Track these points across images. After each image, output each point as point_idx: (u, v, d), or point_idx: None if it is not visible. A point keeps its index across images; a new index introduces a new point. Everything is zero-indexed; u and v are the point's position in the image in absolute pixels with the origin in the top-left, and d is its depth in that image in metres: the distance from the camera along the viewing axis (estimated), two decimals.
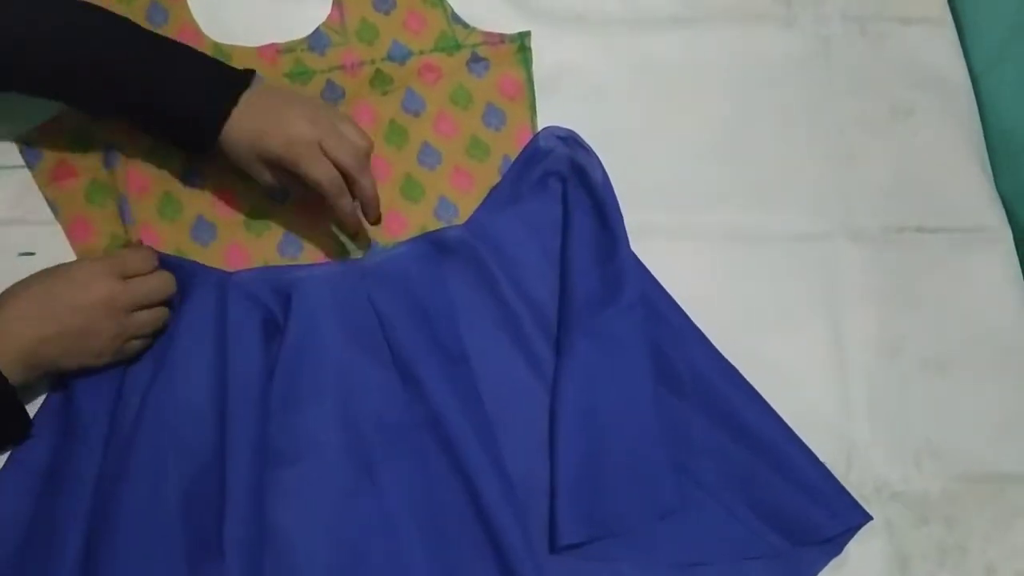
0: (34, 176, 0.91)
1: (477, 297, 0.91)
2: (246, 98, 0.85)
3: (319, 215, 0.91)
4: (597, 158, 0.94)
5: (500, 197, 0.95)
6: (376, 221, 0.90)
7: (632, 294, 0.89)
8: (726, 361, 0.91)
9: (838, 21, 1.06)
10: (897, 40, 1.06)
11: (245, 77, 0.86)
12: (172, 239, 0.90)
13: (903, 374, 0.94)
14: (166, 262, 0.88)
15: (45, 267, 0.83)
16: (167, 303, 0.86)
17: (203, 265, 0.89)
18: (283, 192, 0.91)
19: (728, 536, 0.86)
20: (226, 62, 0.86)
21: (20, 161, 0.91)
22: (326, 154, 0.84)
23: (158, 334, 0.86)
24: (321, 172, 0.84)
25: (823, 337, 0.95)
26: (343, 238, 0.92)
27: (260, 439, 0.82)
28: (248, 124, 0.85)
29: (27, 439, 0.82)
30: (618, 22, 1.04)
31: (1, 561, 0.80)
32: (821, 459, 0.89)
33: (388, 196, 0.94)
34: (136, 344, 0.84)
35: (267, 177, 0.87)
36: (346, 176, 0.86)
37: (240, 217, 0.92)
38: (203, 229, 0.91)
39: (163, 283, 0.85)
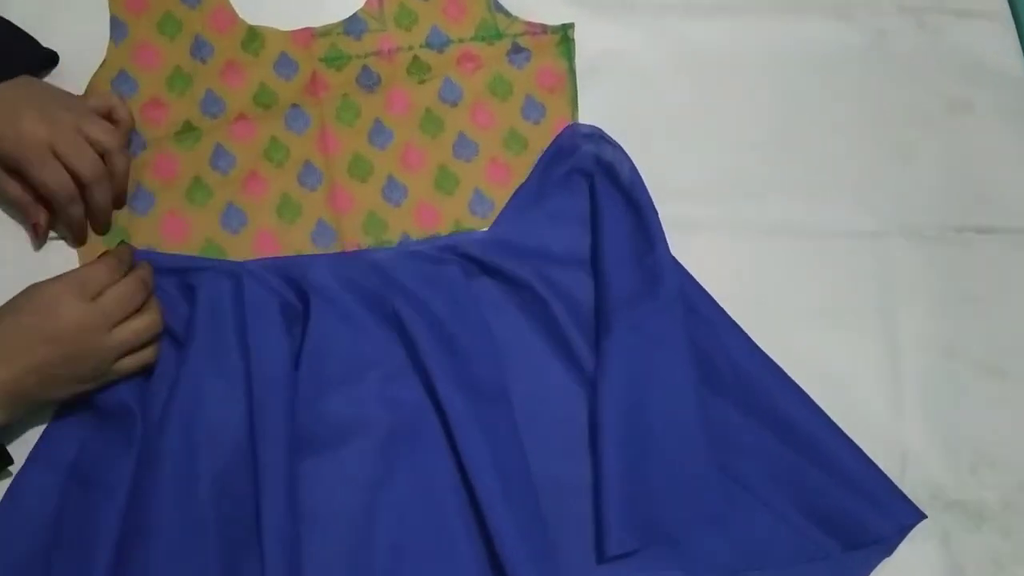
0: None
1: (508, 299, 0.91)
2: None
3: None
4: (625, 153, 0.93)
5: (526, 197, 0.94)
6: (102, 231, 0.87)
7: (671, 289, 0.87)
8: (767, 357, 0.89)
9: (894, 13, 1.05)
10: (954, 34, 1.05)
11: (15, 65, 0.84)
12: (201, 227, 0.90)
13: (958, 378, 0.93)
14: (170, 262, 0.87)
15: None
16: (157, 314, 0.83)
17: (210, 259, 0.89)
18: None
19: (777, 539, 0.85)
20: (252, 45, 0.86)
21: None
22: (59, 158, 0.82)
23: (152, 344, 0.83)
24: (48, 176, 0.82)
25: (876, 338, 0.94)
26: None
27: (290, 426, 0.81)
28: None
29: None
30: (664, 8, 1.03)
31: (29, 559, 0.79)
32: None
33: (421, 187, 0.94)
34: (128, 362, 0.81)
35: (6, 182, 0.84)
36: (78, 182, 0.83)
37: (272, 204, 0.91)
38: (233, 216, 0.90)
39: (135, 288, 0.81)
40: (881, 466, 0.87)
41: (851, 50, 1.03)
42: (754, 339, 0.90)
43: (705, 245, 0.93)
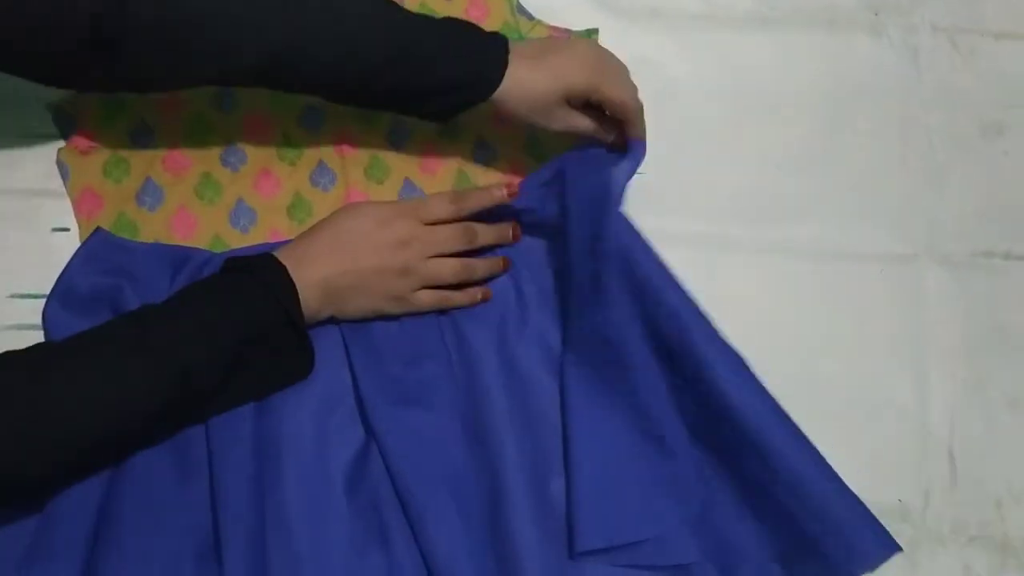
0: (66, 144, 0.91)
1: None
2: (514, 50, 0.86)
3: None
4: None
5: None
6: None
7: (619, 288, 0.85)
8: (739, 361, 0.86)
9: (927, 32, 1.05)
10: (989, 55, 1.05)
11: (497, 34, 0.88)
12: (210, 224, 0.89)
13: (987, 411, 0.93)
14: (173, 252, 0.88)
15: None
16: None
17: (192, 248, 0.89)
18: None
19: (753, 541, 0.84)
20: None
21: (55, 131, 0.91)
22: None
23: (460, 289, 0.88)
24: (626, 92, 0.89)
25: (903, 365, 0.94)
26: None
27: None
28: (535, 67, 0.86)
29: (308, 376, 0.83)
30: (695, 18, 1.03)
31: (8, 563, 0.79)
32: (896, 495, 0.88)
33: (439, 191, 0.93)
34: (425, 297, 0.87)
35: (569, 120, 0.89)
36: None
37: (283, 202, 0.91)
38: (243, 214, 0.90)
39: (463, 233, 0.88)
40: (903, 497, 0.88)
41: (884, 68, 1.04)
42: (777, 362, 0.87)
43: (731, 265, 0.94)
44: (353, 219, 0.85)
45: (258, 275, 0.79)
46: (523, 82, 0.86)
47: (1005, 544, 0.89)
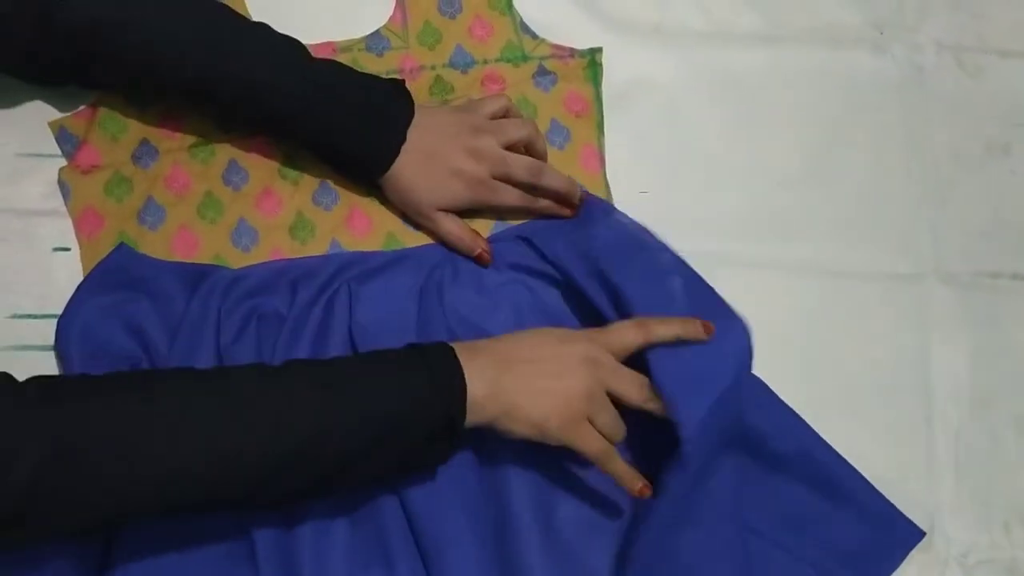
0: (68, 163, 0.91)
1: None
2: (407, 143, 0.88)
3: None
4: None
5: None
6: (576, 205, 0.93)
7: None
8: (759, 381, 0.89)
9: (932, 50, 1.05)
10: (995, 73, 1.06)
11: (405, 109, 0.88)
12: (211, 243, 0.89)
13: (993, 431, 0.94)
14: (163, 266, 0.88)
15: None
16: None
17: (210, 266, 0.89)
18: None
19: None
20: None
21: (56, 150, 0.90)
22: (505, 179, 0.89)
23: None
24: (510, 197, 0.90)
25: (908, 386, 0.94)
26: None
27: None
28: (418, 172, 0.88)
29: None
30: (698, 37, 1.03)
31: None
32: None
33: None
34: (596, 441, 0.78)
35: (443, 224, 0.90)
36: (526, 186, 0.91)
37: (286, 222, 0.91)
38: (244, 233, 0.90)
39: (643, 391, 0.79)
40: (910, 518, 0.88)
41: (889, 86, 1.04)
42: (779, 382, 0.90)
43: (732, 282, 0.91)
44: (532, 334, 0.81)
45: (432, 369, 0.75)
46: (404, 184, 0.89)
47: (1013, 567, 0.90)
